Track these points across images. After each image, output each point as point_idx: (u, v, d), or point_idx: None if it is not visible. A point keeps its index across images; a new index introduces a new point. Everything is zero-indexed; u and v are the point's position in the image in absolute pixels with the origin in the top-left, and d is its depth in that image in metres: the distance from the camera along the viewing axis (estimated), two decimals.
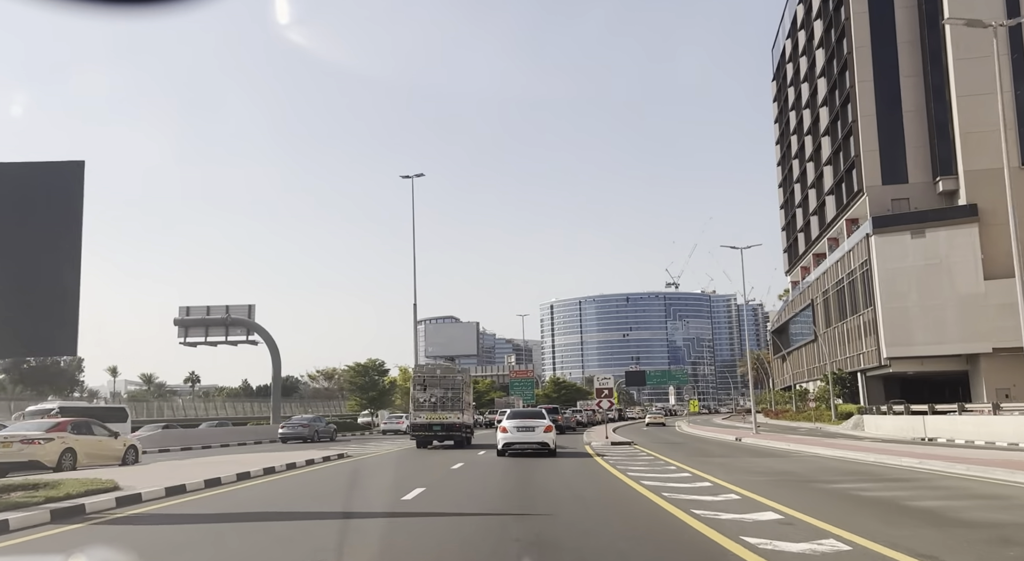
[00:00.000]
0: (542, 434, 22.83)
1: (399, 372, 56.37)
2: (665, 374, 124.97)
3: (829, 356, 66.88)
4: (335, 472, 18.63)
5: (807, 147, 71.40)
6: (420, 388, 28.13)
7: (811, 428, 48.03)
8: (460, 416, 28.03)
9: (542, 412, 25.87)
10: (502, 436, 22.79)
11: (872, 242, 52.46)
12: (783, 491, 12.32)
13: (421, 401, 27.90)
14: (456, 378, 28.72)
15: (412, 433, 28.76)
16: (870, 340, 54.60)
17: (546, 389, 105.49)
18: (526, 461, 21.12)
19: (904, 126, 53.32)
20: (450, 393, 27.89)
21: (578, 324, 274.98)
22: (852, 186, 57.30)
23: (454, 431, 28.01)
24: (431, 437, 28.01)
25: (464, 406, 28.61)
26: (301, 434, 39.33)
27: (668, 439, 34.64)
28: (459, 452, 25.58)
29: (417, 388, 28.29)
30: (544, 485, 14.05)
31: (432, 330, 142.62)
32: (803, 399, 67.57)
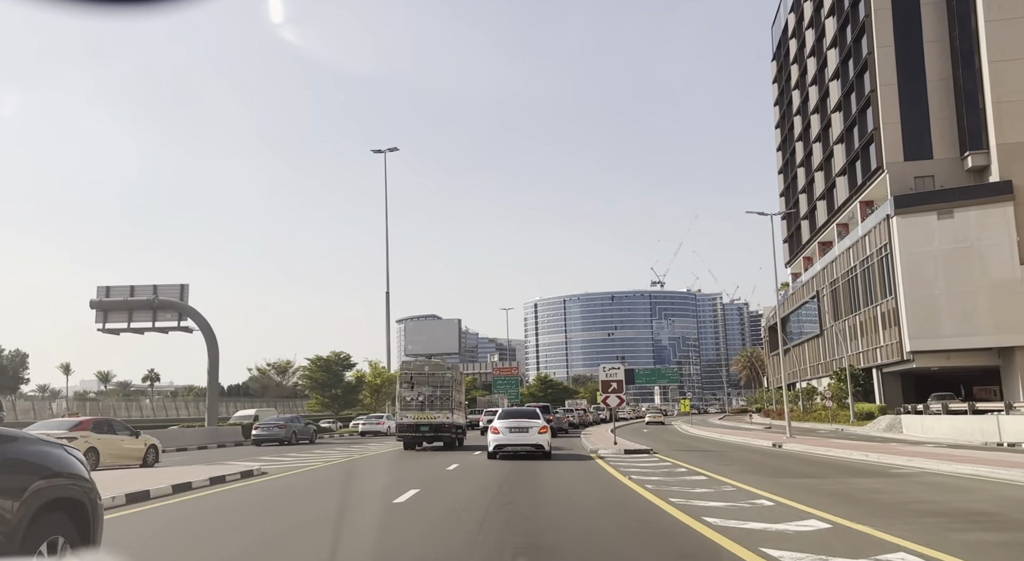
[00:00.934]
0: (536, 435, 21.19)
1: (369, 367, 50.43)
2: (654, 372, 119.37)
3: (838, 351, 61.98)
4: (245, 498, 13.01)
5: (813, 126, 66.46)
6: (407, 386, 26.69)
7: (831, 430, 42.97)
8: (450, 416, 26.57)
9: (536, 412, 23.50)
10: (493, 437, 21.25)
11: (893, 224, 47.51)
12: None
13: (408, 400, 26.43)
14: (446, 375, 27.12)
15: (399, 434, 27.22)
16: (890, 333, 49.66)
17: (531, 388, 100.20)
18: (526, 474, 16.15)
19: (928, 96, 48.39)
20: (439, 391, 26.43)
21: (562, 323, 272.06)
22: (869, 164, 52.33)
23: (444, 432, 26.57)
24: (419, 438, 26.61)
25: (455, 405, 27.09)
26: (277, 436, 35.79)
27: (690, 444, 29.34)
28: (449, 455, 23.25)
29: (404, 386, 26.80)
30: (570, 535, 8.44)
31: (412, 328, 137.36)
32: (809, 398, 62.60)
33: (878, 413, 47.42)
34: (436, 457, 22.34)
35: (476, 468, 18.39)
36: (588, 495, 12.67)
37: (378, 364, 46.71)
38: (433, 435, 26.61)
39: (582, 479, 15.41)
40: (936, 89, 48.21)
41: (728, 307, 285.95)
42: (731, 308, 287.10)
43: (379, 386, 46.79)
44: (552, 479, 15.29)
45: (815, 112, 65.63)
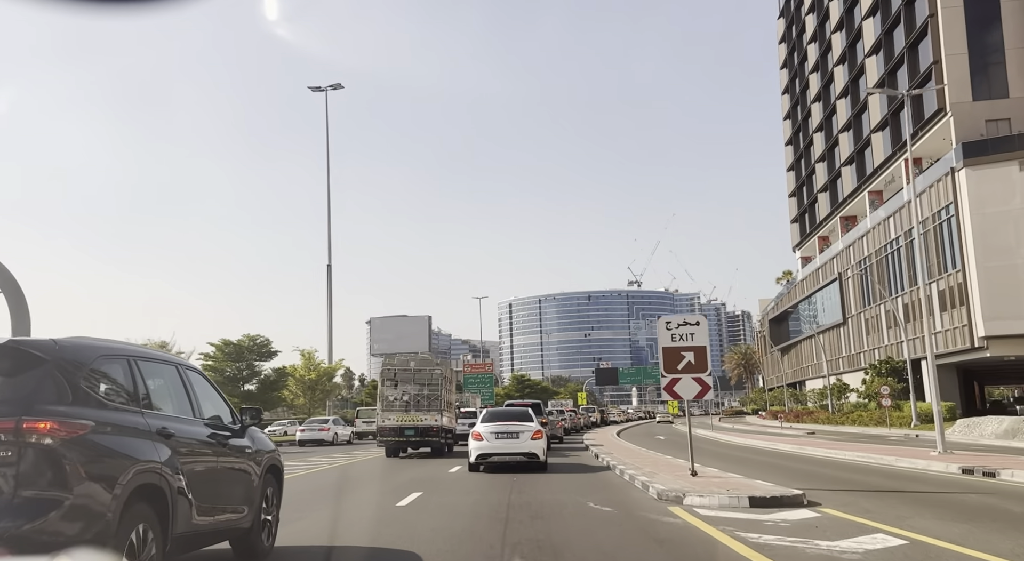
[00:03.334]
0: (529, 442, 16.97)
1: (301, 359, 39.25)
2: (640, 372, 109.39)
3: (870, 342, 52.63)
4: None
5: (837, 81, 57.15)
6: (390, 384, 24.20)
7: (901, 436, 33.29)
8: (438, 418, 23.89)
9: (528, 413, 19.02)
10: (476, 445, 17.11)
11: (960, 179, 38.19)
12: None
13: (391, 400, 23.93)
14: (434, 372, 24.44)
15: (380, 439, 24.70)
16: (952, 315, 40.33)
17: (507, 388, 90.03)
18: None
19: (1003, 20, 39.15)
20: (427, 390, 23.99)
21: (538, 323, 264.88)
22: (920, 111, 42.95)
23: (431, 436, 23.81)
24: (403, 444, 23.96)
25: (444, 406, 24.26)
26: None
27: (766, 461, 19.26)
28: (425, 467, 19.14)
29: (387, 384, 24.31)
30: None
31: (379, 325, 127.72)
32: (839, 397, 53.10)
33: (948, 414, 38.07)
34: (405, 473, 17.18)
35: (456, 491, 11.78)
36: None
37: (314, 354, 36.31)
38: (419, 440, 23.74)
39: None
40: (1014, 11, 38.95)
41: (705, 307, 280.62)
42: (708, 308, 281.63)
43: (314, 382, 36.22)
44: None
45: (840, 63, 56.28)
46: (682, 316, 11.98)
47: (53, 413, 4.35)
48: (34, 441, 4.21)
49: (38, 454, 4.21)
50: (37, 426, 4.24)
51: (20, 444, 4.18)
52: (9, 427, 4.18)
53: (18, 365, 4.59)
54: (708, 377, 11.36)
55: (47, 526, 4.11)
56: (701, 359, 11.44)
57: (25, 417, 4.24)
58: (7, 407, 4.28)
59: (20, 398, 4.39)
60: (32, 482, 4.17)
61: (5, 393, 4.43)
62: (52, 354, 4.68)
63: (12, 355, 4.62)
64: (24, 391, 4.47)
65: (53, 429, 4.27)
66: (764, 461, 19.02)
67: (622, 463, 16.67)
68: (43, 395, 4.48)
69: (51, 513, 4.14)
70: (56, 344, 4.81)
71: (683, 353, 11.41)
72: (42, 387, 4.52)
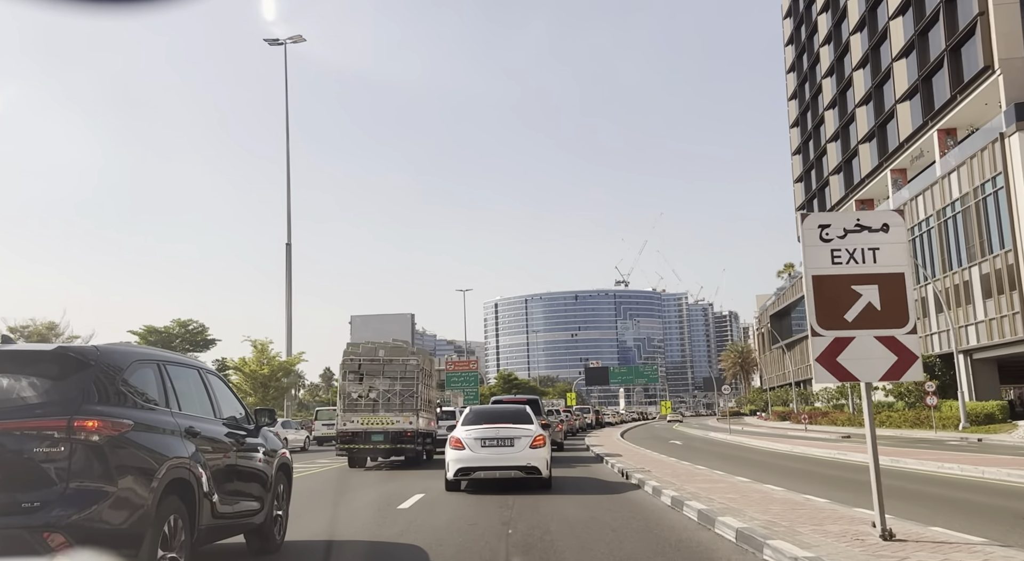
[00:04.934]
0: (528, 451, 12.12)
1: (252, 351, 32.74)
2: (631, 371, 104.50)
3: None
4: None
5: (855, 50, 52.35)
6: (354, 378, 19.21)
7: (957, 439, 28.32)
8: (413, 420, 19.01)
9: (525, 412, 13.56)
10: (456, 456, 12.19)
11: (1012, 145, 33.41)
12: None
13: (355, 397, 19.02)
14: (409, 363, 19.48)
15: (339, 446, 19.38)
16: (998, 302, 35.55)
17: (493, 388, 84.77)
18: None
19: None
20: (399, 385, 19.13)
21: (524, 324, 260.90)
22: (959, 73, 38.16)
23: (404, 442, 18.96)
24: (369, 452, 19.05)
25: (421, 405, 19.43)
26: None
27: (899, 486, 12.48)
28: (395, 482, 14.32)
29: (350, 377, 19.26)
30: None
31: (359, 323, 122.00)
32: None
33: (1001, 414, 33.41)
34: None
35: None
36: None
37: (268, 346, 30.59)
38: (390, 447, 19.09)
39: None
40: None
41: (692, 308, 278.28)
42: (695, 309, 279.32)
43: (266, 379, 30.62)
44: None
45: (859, 30, 51.51)
46: (853, 214, 6.52)
47: (99, 413, 4.76)
48: (83, 438, 4.59)
49: (86, 450, 4.59)
50: (86, 425, 4.63)
51: (71, 441, 4.55)
52: (61, 425, 4.57)
53: (66, 369, 4.92)
54: (911, 336, 6.10)
55: (95, 515, 4.48)
56: (896, 298, 6.01)
57: (75, 416, 4.62)
58: (58, 407, 4.68)
59: (69, 399, 4.76)
60: (82, 475, 4.54)
61: (55, 395, 4.80)
62: (95, 359, 5.06)
63: (60, 360, 4.96)
64: (72, 393, 4.80)
65: (100, 427, 4.67)
66: (899, 487, 12.56)
67: (671, 485, 11.31)
68: (89, 396, 4.84)
69: (99, 503, 4.52)
70: (98, 350, 5.24)
71: (859, 286, 6.01)
72: (88, 389, 4.87)
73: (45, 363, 4.94)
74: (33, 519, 4.32)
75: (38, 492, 4.42)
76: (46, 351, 5.11)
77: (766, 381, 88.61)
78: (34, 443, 4.49)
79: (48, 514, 4.34)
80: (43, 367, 4.90)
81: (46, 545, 4.29)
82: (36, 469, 4.46)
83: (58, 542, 4.29)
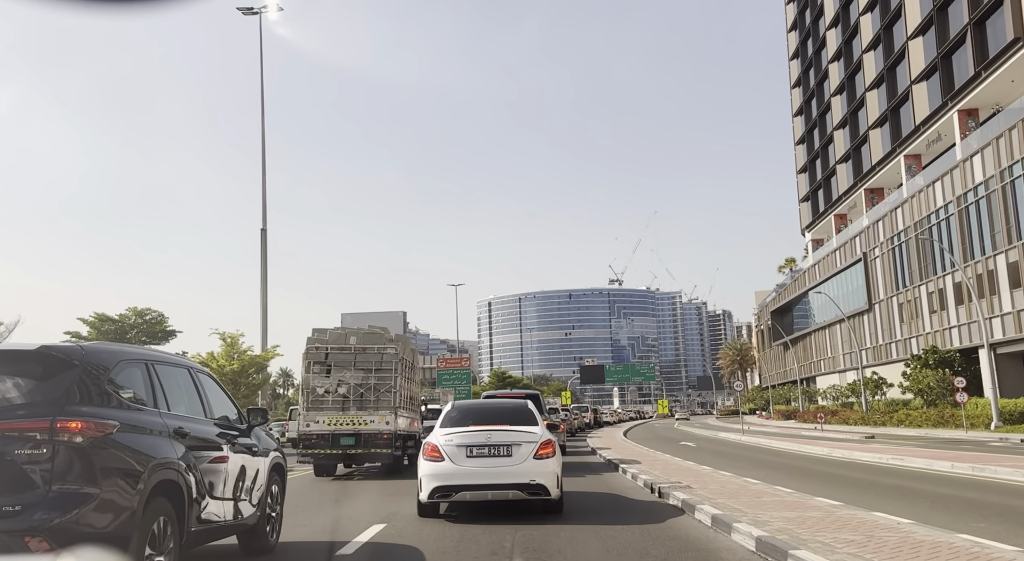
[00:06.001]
0: (530, 463, 8.95)
1: (221, 345, 29.77)
2: (627, 369, 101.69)
3: (905, 330, 45.52)
4: None
5: (865, 32, 49.99)
6: (320, 370, 16.03)
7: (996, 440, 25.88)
8: (391, 419, 15.76)
9: (526, 409, 10.19)
10: (432, 469, 9.03)
11: None
12: None
13: (321, 393, 15.85)
14: (386, 351, 16.20)
15: (302, 452, 16.22)
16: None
17: (486, 386, 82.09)
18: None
19: None
20: (374, 378, 15.91)
21: (517, 322, 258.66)
22: (983, 49, 35.80)
23: (379, 445, 15.71)
24: (337, 458, 16.01)
25: (400, 401, 16.25)
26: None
27: (981, 500, 10.39)
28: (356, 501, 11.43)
29: (315, 370, 16.03)
30: None
31: (350, 320, 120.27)
32: (874, 393, 45.82)
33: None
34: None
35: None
36: None
37: (238, 340, 27.53)
38: (362, 452, 15.91)
39: None
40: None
41: (686, 307, 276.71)
42: (689, 308, 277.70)
43: (236, 375, 27.63)
44: None
45: (869, 10, 49.13)
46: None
47: (83, 413, 4.61)
48: (66, 440, 4.46)
49: (70, 452, 4.46)
50: (69, 426, 4.49)
51: (54, 442, 4.42)
52: (44, 426, 4.44)
53: (49, 369, 4.77)
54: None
55: (79, 518, 4.38)
56: None
57: (58, 417, 4.49)
58: (41, 408, 4.55)
59: (52, 400, 4.62)
60: (64, 478, 4.41)
61: (38, 395, 4.67)
62: (79, 359, 4.89)
63: (43, 360, 4.81)
64: (56, 393, 4.66)
65: (83, 428, 4.52)
66: (981, 501, 10.19)
67: (736, 511, 8.47)
68: (73, 397, 4.69)
69: (83, 506, 4.40)
70: (83, 349, 5.07)
71: None
72: (72, 389, 4.73)
73: (28, 362, 4.82)
74: (14, 523, 4.26)
75: (20, 495, 4.34)
76: (28, 351, 4.91)
77: (765, 379, 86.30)
78: (15, 445, 4.41)
79: (30, 518, 4.29)
80: (25, 367, 4.79)
81: (27, 549, 4.23)
82: (17, 472, 4.38)
83: (40, 546, 4.24)
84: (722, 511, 8.44)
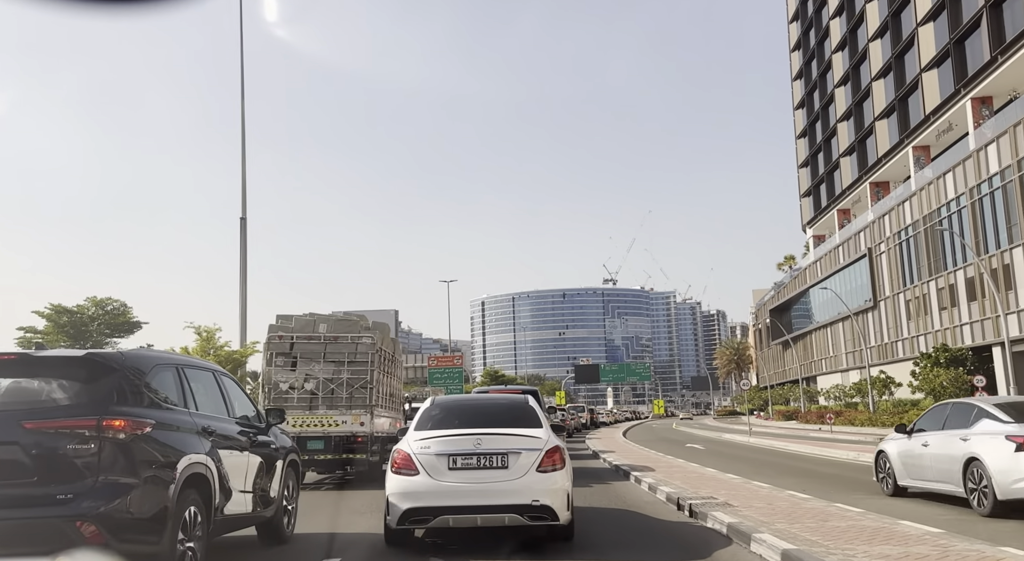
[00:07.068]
0: (533, 477, 6.80)
1: (196, 339, 24.15)
2: (623, 368, 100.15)
3: (913, 327, 44.01)
4: None
5: (871, 20, 48.44)
6: (284, 363, 13.81)
7: None
8: (366, 419, 13.60)
9: (527, 406, 7.88)
10: (403, 485, 6.83)
11: None
12: None
13: (285, 389, 13.57)
14: (361, 342, 14.03)
15: None
16: None
17: (479, 385, 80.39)
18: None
19: None
20: (348, 372, 13.77)
21: (511, 322, 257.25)
22: (999, 33, 34.24)
23: (354, 450, 13.60)
24: (305, 465, 12.00)
25: (378, 398, 14.11)
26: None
27: None
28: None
29: (278, 362, 13.82)
30: None
31: None
32: (884, 390, 44.24)
33: None
34: None
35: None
36: None
37: (214, 334, 25.31)
38: (332, 457, 13.56)
39: None
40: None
41: (680, 306, 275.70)
42: (683, 308, 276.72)
43: None
44: None
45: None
46: None
47: (125, 413, 5.14)
48: (111, 436, 4.97)
49: (114, 447, 4.97)
50: (113, 424, 5.01)
51: (100, 439, 4.93)
52: (92, 424, 4.95)
53: (94, 373, 5.29)
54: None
55: (122, 506, 4.87)
56: None
57: (104, 416, 5.01)
58: (88, 408, 5.06)
59: (98, 401, 5.13)
60: (110, 470, 4.92)
61: (85, 397, 5.15)
62: (120, 364, 5.48)
63: (89, 365, 5.33)
64: (100, 395, 5.18)
65: (125, 426, 5.05)
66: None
67: (810, 544, 6.49)
68: (115, 398, 5.22)
69: (126, 495, 4.91)
70: (123, 355, 5.73)
71: None
72: (114, 392, 5.26)
73: (75, 368, 5.28)
74: (67, 509, 4.71)
75: (71, 485, 4.80)
76: (76, 357, 5.38)
77: (763, 379, 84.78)
78: (67, 441, 4.86)
79: (80, 505, 4.73)
80: (73, 371, 5.25)
81: (79, 533, 4.65)
82: (69, 464, 4.83)
83: (89, 530, 4.66)
84: (794, 544, 6.46)
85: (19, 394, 5.10)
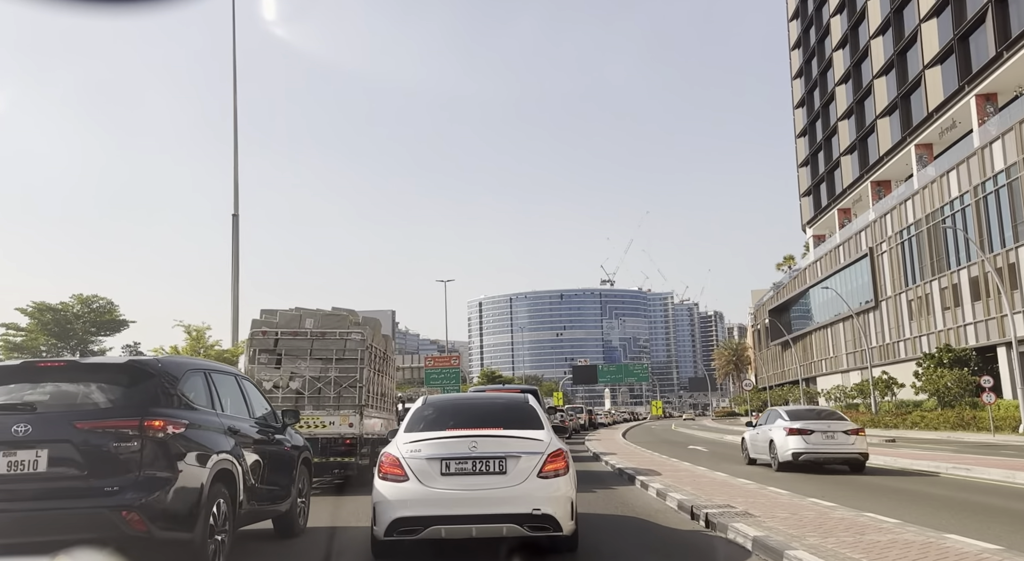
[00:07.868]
0: (534, 483, 6.19)
1: (186, 339, 24.02)
2: (621, 369, 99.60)
3: (916, 327, 43.49)
4: None
5: (872, 17, 47.96)
6: (268, 360, 13.02)
7: None
8: (356, 420, 12.79)
9: (527, 405, 7.28)
10: (390, 491, 6.22)
11: None
12: None
13: (269, 389, 12.62)
14: (350, 338, 13.14)
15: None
16: None
17: (476, 386, 79.74)
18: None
19: None
20: (336, 370, 12.98)
21: (508, 323, 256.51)
22: (1005, 28, 33.75)
23: (342, 453, 12.73)
24: None
25: (369, 398, 13.30)
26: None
27: None
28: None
29: (262, 359, 13.00)
30: None
31: None
32: (883, 393, 43.66)
33: None
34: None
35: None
36: None
37: (204, 332, 24.52)
38: (319, 460, 11.81)
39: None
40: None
41: (677, 307, 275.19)
42: (680, 309, 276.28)
43: None
44: None
45: None
46: None
47: (163, 414, 5.62)
48: (151, 435, 5.43)
49: (154, 445, 5.43)
50: (153, 424, 5.49)
51: (142, 437, 5.40)
52: (134, 424, 5.44)
53: (134, 378, 5.83)
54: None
55: (162, 498, 5.32)
56: None
57: (145, 417, 5.49)
58: (131, 410, 5.56)
59: (139, 403, 5.65)
60: (150, 465, 5.38)
61: (127, 400, 5.67)
62: (157, 370, 5.96)
63: (130, 371, 5.90)
64: (141, 398, 5.70)
65: (164, 426, 5.52)
66: None
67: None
68: (154, 401, 5.72)
69: (164, 488, 5.36)
70: (159, 362, 6.19)
71: None
72: (153, 395, 5.77)
73: (117, 373, 5.85)
74: (113, 500, 5.17)
75: (117, 478, 5.26)
76: (118, 363, 6.03)
77: (762, 380, 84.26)
78: (113, 439, 5.35)
79: (125, 496, 5.19)
80: (116, 376, 5.81)
81: (124, 521, 5.13)
82: (115, 460, 5.31)
83: (133, 519, 5.14)
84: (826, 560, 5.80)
85: (70, 397, 5.59)
